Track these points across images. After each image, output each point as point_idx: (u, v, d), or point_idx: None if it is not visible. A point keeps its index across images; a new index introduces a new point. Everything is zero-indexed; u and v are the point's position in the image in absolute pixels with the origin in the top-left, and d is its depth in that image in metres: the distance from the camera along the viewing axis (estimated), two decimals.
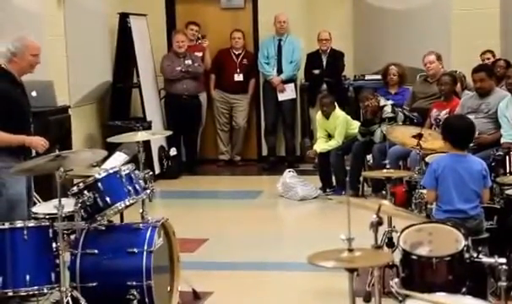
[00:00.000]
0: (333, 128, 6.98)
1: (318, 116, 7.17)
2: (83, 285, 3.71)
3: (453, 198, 3.85)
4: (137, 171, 4.11)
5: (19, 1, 6.00)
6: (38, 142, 4.19)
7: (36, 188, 4.43)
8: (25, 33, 4.49)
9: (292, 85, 8.18)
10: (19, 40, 4.27)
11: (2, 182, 4.09)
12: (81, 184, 3.80)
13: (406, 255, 3.31)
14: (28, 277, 3.64)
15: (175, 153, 7.97)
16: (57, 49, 6.83)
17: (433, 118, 6.29)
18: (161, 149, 7.92)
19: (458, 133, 3.97)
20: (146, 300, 3.68)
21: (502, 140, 5.54)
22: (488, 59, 7.33)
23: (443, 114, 6.15)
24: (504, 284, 3.17)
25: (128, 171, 3.95)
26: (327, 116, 6.97)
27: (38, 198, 4.43)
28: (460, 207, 3.84)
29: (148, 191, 4.15)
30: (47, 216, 3.91)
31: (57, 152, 3.73)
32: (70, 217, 3.80)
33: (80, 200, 3.75)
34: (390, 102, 6.73)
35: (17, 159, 4.10)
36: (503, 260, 3.24)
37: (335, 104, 7.04)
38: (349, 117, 7.07)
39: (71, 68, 7.07)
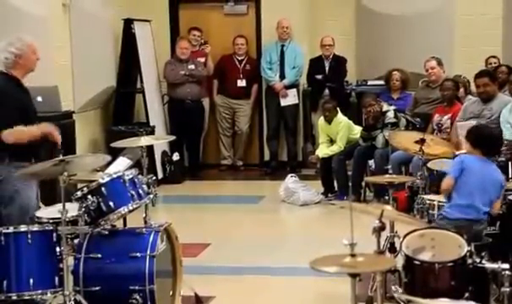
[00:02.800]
0: (335, 133, 6.99)
1: (320, 121, 7.18)
2: (86, 289, 3.72)
3: (472, 193, 3.86)
4: (140, 176, 4.11)
5: (25, 6, 6.03)
6: (55, 131, 4.13)
7: (40, 193, 4.44)
8: (18, 33, 4.32)
9: (295, 90, 8.19)
10: (19, 41, 4.13)
11: (15, 189, 4.08)
12: (85, 189, 3.80)
13: (409, 260, 3.32)
14: (32, 281, 3.65)
15: (177, 158, 7.98)
16: (62, 54, 6.86)
17: (434, 123, 6.29)
18: (164, 153, 7.94)
19: (493, 142, 4.03)
20: None
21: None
22: (495, 63, 7.35)
23: (445, 119, 6.15)
24: (507, 289, 3.18)
25: (131, 176, 3.96)
26: (329, 121, 6.98)
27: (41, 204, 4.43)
28: (476, 204, 3.85)
29: (151, 195, 4.15)
30: (51, 220, 3.91)
31: (61, 157, 3.74)
32: (74, 221, 3.81)
33: (84, 205, 3.76)
34: (393, 108, 6.73)
35: (27, 162, 4.04)
36: (506, 266, 3.25)
37: (338, 109, 7.05)
38: (351, 122, 7.08)
39: (75, 74, 7.09)
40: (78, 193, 3.80)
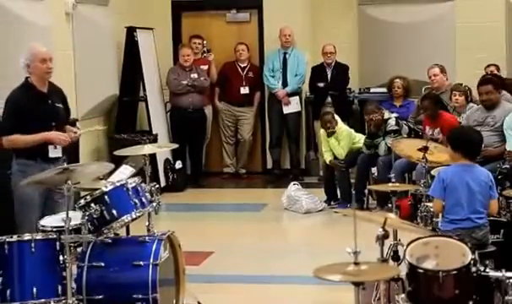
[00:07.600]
0: (336, 145, 6.93)
1: (321, 130, 7.14)
2: (89, 298, 3.72)
3: (461, 208, 3.83)
4: (143, 184, 4.12)
5: (28, 15, 6.05)
6: (58, 137, 4.36)
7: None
8: (33, 42, 4.66)
9: (297, 98, 8.20)
10: (28, 51, 4.43)
11: (15, 184, 4.28)
12: (88, 197, 3.81)
13: (413, 269, 3.30)
14: (35, 289, 3.65)
15: (180, 166, 7.98)
16: (65, 63, 6.86)
17: (428, 135, 6.21)
18: (167, 161, 7.94)
19: (472, 144, 3.97)
20: None
21: (507, 147, 5.48)
22: (492, 72, 7.33)
23: (437, 133, 6.08)
24: (511, 298, 3.16)
25: (134, 184, 3.97)
26: (331, 133, 6.92)
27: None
28: (468, 215, 3.83)
29: (154, 204, 4.16)
30: (54, 229, 3.92)
31: (65, 165, 3.74)
32: (77, 230, 3.81)
33: (87, 213, 3.76)
34: (395, 115, 6.73)
35: (32, 160, 4.30)
36: (511, 274, 3.23)
37: (336, 118, 6.98)
38: (352, 131, 7.06)
39: (78, 82, 7.10)
40: (82, 201, 3.81)
